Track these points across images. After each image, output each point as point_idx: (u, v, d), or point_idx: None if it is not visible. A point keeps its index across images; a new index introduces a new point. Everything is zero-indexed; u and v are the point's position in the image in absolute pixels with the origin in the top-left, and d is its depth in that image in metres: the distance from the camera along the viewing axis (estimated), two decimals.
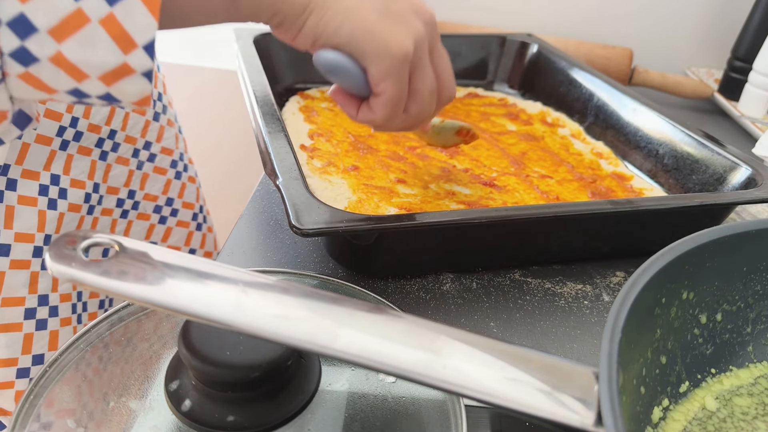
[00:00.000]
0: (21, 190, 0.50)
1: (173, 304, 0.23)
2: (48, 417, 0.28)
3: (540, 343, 0.41)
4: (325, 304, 0.24)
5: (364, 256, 0.46)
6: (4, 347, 0.52)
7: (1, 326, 0.52)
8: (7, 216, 0.50)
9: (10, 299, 0.52)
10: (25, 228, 0.52)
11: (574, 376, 0.22)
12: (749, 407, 0.32)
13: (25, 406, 0.27)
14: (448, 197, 0.53)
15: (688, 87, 0.87)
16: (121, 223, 0.62)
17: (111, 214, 0.60)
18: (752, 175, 0.52)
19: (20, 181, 0.51)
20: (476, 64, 0.82)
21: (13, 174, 0.50)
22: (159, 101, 0.66)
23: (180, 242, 0.73)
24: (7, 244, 0.51)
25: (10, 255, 0.51)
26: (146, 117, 0.63)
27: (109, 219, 0.61)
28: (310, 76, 0.74)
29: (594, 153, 0.65)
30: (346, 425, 0.28)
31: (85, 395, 0.29)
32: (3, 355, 0.52)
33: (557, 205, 0.45)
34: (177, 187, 0.70)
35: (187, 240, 0.74)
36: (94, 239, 0.24)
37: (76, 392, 0.29)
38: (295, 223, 0.38)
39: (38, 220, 0.52)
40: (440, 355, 0.22)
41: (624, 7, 0.95)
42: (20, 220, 0.51)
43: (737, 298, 0.33)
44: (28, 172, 0.50)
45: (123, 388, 0.30)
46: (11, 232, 0.51)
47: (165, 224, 0.70)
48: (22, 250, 0.51)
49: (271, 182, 0.58)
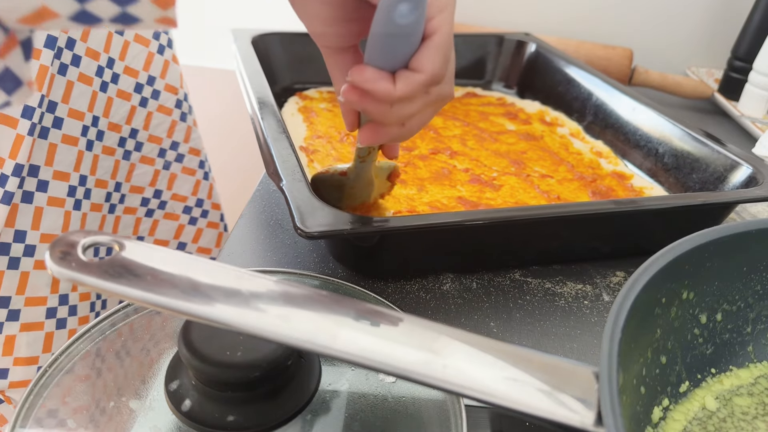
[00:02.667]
0: (51, 192, 0.51)
1: (173, 304, 0.23)
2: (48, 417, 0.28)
3: (540, 343, 0.41)
4: (325, 304, 0.24)
5: (367, 257, 0.45)
6: (26, 346, 0.52)
7: (23, 325, 0.52)
8: (36, 217, 0.50)
9: (33, 299, 0.53)
10: (51, 229, 0.52)
11: (574, 376, 0.22)
12: (749, 407, 0.32)
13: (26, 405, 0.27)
14: (448, 198, 0.53)
15: (688, 87, 0.87)
16: (145, 221, 0.62)
17: (134, 213, 0.61)
18: (753, 173, 0.52)
19: (52, 183, 0.51)
20: (474, 63, 0.82)
21: (44, 175, 0.50)
22: (185, 101, 0.67)
23: (211, 243, 0.74)
24: (33, 244, 0.51)
25: (34, 255, 0.51)
26: (172, 117, 0.63)
27: (132, 218, 0.61)
28: (307, 76, 0.74)
29: (594, 152, 0.65)
30: (346, 425, 0.28)
31: (85, 395, 0.29)
32: (24, 353, 0.52)
33: (562, 205, 0.45)
34: (206, 188, 0.71)
35: (218, 241, 0.75)
36: (94, 239, 0.24)
37: (77, 392, 0.29)
38: (300, 225, 0.38)
39: (63, 221, 0.53)
40: (440, 355, 0.22)
41: (624, 8, 0.95)
42: (47, 220, 0.51)
43: (737, 298, 0.33)
44: (59, 173, 0.51)
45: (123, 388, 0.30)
46: (37, 233, 0.51)
47: (195, 225, 0.71)
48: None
49: (271, 183, 0.58)
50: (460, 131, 0.67)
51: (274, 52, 0.71)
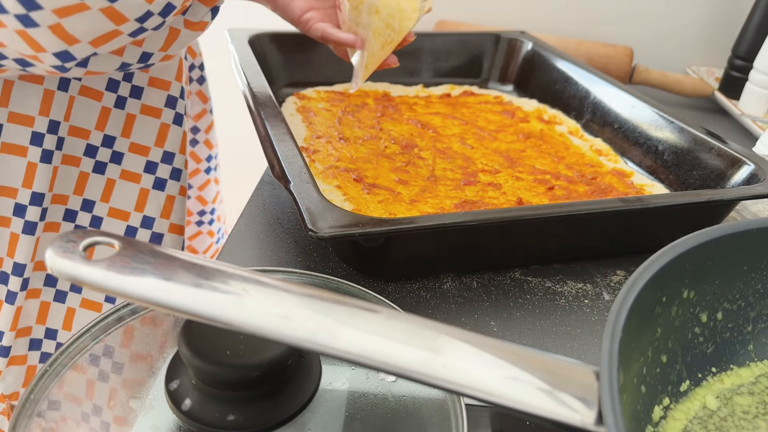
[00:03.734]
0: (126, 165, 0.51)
1: (173, 303, 0.23)
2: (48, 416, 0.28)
3: (540, 342, 0.41)
4: (325, 303, 0.24)
5: (372, 257, 0.45)
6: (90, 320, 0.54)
7: (84, 302, 0.54)
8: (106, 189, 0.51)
9: None
10: (179, 220, 0.53)
11: (575, 375, 0.22)
12: (750, 406, 0.32)
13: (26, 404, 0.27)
14: (449, 198, 0.53)
15: (689, 85, 0.87)
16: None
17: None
18: (754, 170, 0.52)
19: (126, 155, 0.51)
20: (471, 62, 0.82)
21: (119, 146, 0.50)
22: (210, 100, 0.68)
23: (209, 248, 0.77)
24: (100, 216, 0.51)
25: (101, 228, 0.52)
26: (204, 106, 0.65)
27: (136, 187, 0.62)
28: (304, 76, 0.74)
29: (593, 150, 0.65)
30: (347, 424, 0.28)
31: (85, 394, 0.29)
32: None
33: (567, 204, 0.45)
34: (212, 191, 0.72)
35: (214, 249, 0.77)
36: (95, 238, 0.24)
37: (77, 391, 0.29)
38: (311, 227, 0.38)
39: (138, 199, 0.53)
40: (441, 354, 0.22)
41: (624, 6, 0.95)
42: (176, 211, 0.52)
43: (738, 297, 0.33)
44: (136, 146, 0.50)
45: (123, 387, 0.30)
46: (106, 206, 0.51)
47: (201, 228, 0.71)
48: (115, 227, 0.53)
49: (271, 182, 0.58)
50: (459, 130, 0.67)
51: (270, 52, 0.71)
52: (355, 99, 0.72)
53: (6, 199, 0.47)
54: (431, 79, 0.80)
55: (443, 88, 0.79)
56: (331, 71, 0.75)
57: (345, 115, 0.67)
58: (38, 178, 0.47)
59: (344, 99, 0.72)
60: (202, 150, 0.68)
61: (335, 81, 0.75)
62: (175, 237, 0.57)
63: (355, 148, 0.60)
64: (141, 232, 0.54)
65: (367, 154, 0.59)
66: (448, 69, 0.81)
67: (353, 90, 0.56)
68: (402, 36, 0.55)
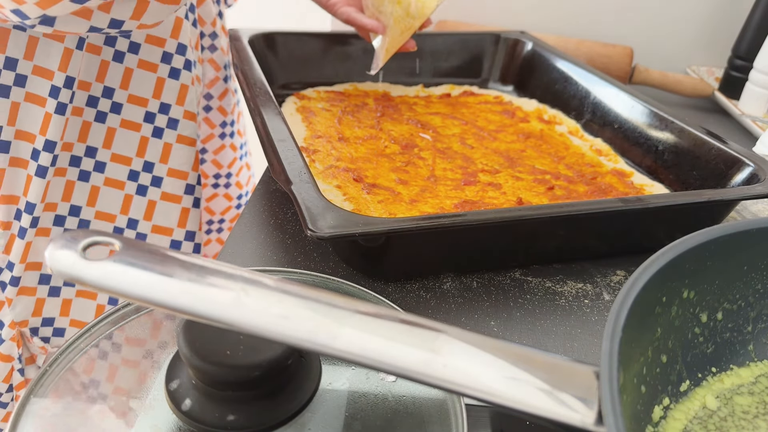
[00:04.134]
0: (125, 114, 0.56)
1: (173, 303, 0.23)
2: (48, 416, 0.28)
3: (540, 342, 0.41)
4: (325, 303, 0.24)
5: (372, 257, 0.45)
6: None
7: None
8: (165, 151, 0.58)
9: (160, 228, 0.61)
10: (178, 165, 0.59)
11: (575, 375, 0.22)
12: (750, 406, 0.32)
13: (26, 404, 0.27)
14: (449, 198, 0.53)
15: (689, 85, 0.87)
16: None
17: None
18: (754, 171, 0.52)
19: (182, 122, 0.58)
20: (470, 62, 0.82)
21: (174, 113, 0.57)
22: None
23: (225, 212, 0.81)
24: (160, 176, 0.59)
25: (161, 187, 0.60)
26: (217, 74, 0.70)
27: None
28: (304, 76, 0.74)
29: (593, 150, 0.65)
30: (347, 424, 0.28)
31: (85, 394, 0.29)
32: None
33: (567, 204, 0.45)
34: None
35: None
36: (94, 238, 0.24)
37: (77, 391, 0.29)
38: (311, 227, 0.38)
39: (195, 159, 0.61)
40: (441, 354, 0.22)
41: (624, 6, 0.95)
42: (175, 158, 0.59)
43: (738, 297, 0.33)
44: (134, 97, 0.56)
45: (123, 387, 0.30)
46: (165, 167, 0.59)
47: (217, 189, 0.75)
48: (174, 185, 0.60)
49: (271, 182, 0.58)
50: (459, 130, 0.67)
51: (270, 52, 0.71)
52: (355, 99, 0.72)
53: (25, 143, 0.53)
54: (431, 79, 0.80)
55: (443, 88, 0.79)
56: (331, 71, 0.75)
57: (345, 115, 0.67)
58: (52, 128, 0.52)
59: (344, 99, 0.72)
60: (216, 116, 0.71)
61: (335, 81, 0.75)
62: (176, 181, 0.61)
63: (355, 148, 0.60)
64: (143, 175, 0.59)
65: (367, 154, 0.59)
66: (448, 69, 0.81)
67: (373, 72, 0.64)
68: (421, 22, 0.61)
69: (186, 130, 0.60)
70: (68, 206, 0.57)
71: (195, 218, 0.63)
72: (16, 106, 0.51)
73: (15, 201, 0.54)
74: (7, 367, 0.58)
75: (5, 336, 0.57)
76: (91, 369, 0.30)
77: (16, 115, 0.51)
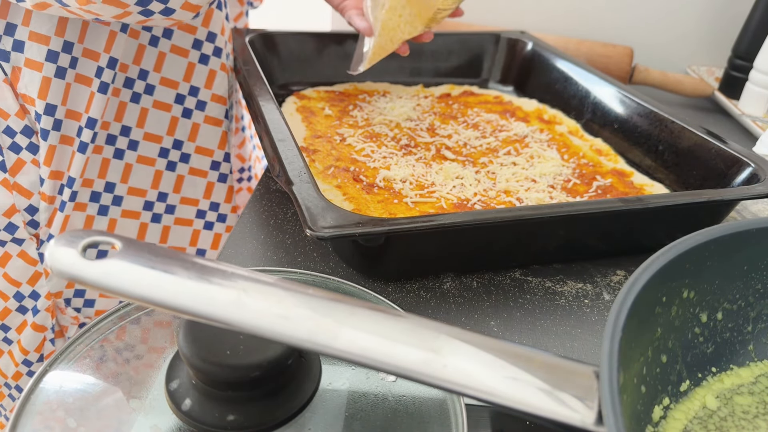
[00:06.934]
0: (157, 96, 0.60)
1: (173, 303, 0.23)
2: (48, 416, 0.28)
3: (540, 342, 0.41)
4: (325, 303, 0.24)
5: (372, 257, 0.45)
6: (176, 237, 0.66)
7: (176, 219, 0.66)
8: (193, 131, 0.63)
9: (188, 199, 0.65)
10: (205, 143, 0.64)
11: (575, 375, 0.22)
12: (750, 406, 0.32)
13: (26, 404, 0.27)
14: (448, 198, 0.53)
15: (689, 85, 0.87)
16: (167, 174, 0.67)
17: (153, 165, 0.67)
18: (754, 171, 0.52)
19: (209, 104, 0.62)
20: (470, 62, 0.82)
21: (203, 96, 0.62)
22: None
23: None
24: (188, 153, 0.63)
25: (189, 163, 0.64)
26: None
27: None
28: (304, 76, 0.74)
29: (593, 150, 0.65)
30: (347, 424, 0.28)
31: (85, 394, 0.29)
32: (172, 244, 0.66)
33: (568, 204, 0.45)
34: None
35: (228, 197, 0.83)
36: (94, 238, 0.24)
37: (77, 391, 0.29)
38: (311, 227, 0.38)
39: (220, 139, 0.65)
40: (441, 354, 0.22)
41: (624, 6, 0.95)
42: (202, 137, 0.63)
43: (738, 297, 0.33)
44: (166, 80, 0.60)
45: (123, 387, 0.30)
46: (193, 145, 0.63)
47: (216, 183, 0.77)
48: (201, 161, 0.64)
49: (271, 182, 0.58)
50: (459, 130, 0.67)
51: (270, 52, 0.71)
52: (355, 99, 0.72)
53: (73, 122, 0.56)
54: (431, 79, 0.80)
55: (443, 88, 0.79)
56: (331, 71, 0.75)
57: (345, 115, 0.67)
58: (94, 106, 0.55)
59: (344, 99, 0.72)
60: (238, 109, 0.73)
61: (335, 81, 0.75)
62: (202, 157, 0.65)
63: (355, 148, 0.60)
64: (172, 152, 0.63)
65: (367, 154, 0.59)
66: (448, 69, 0.81)
67: (353, 72, 0.65)
68: (416, 33, 0.63)
69: (213, 111, 0.64)
70: (104, 183, 0.60)
71: (219, 191, 0.67)
72: (68, 86, 0.54)
73: (60, 177, 0.57)
74: (39, 336, 0.61)
75: (41, 306, 0.60)
76: (90, 369, 0.30)
77: (68, 94, 0.54)
